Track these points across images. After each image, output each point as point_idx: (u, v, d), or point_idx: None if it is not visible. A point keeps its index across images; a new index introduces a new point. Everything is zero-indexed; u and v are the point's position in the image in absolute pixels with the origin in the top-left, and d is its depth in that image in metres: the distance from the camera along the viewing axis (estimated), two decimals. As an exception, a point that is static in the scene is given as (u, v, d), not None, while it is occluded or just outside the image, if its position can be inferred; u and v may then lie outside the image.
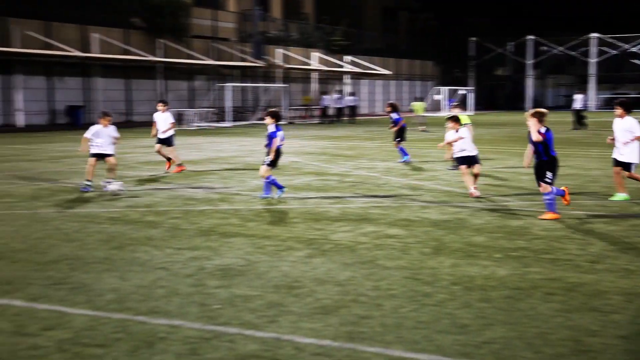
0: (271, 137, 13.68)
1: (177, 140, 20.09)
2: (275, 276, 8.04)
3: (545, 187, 11.47)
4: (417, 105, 41.41)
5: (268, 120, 13.80)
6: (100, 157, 15.04)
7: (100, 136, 15.13)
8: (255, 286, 7.63)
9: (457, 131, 14.28)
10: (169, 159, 18.69)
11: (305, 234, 10.38)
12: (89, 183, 14.83)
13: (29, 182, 16.15)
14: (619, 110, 13.50)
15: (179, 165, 18.70)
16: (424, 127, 38.02)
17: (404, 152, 21.30)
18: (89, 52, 44.52)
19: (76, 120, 43.62)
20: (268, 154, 13.78)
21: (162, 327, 6.30)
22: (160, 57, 48.42)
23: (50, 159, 21.97)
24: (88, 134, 15.08)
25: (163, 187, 15.66)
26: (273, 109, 14.27)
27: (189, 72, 52.44)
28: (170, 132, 18.83)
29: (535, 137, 11.34)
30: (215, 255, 9.03)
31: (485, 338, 6.04)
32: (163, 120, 18.79)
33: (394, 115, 22.06)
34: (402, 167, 19.68)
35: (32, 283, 7.63)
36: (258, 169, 19.19)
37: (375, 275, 8.03)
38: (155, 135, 18.81)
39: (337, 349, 5.81)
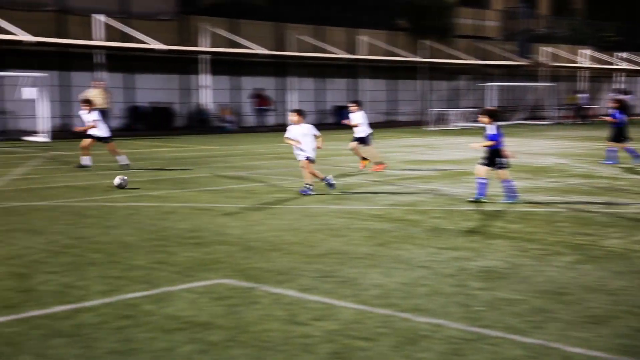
0: (491, 138, 13.16)
1: (437, 140, 20.13)
2: (540, 281, 7.79)
3: None
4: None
5: (485, 119, 13.28)
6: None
7: (299, 136, 14.77)
8: (519, 290, 7.45)
9: None
10: (364, 158, 19.15)
11: (572, 239, 9.96)
12: (309, 186, 14.50)
13: (301, 178, 17.04)
14: None
15: (379, 163, 19.02)
16: None
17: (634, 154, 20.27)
18: (356, 54, 46.07)
19: (342, 120, 45.31)
20: (492, 154, 13.25)
21: (424, 325, 6.35)
22: (424, 58, 48.87)
23: (320, 155, 22.97)
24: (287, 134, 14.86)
25: (425, 185, 15.78)
26: (490, 108, 13.73)
27: (451, 72, 52.40)
28: (367, 132, 19.28)
29: None
30: (477, 257, 8.94)
31: None
32: (357, 119, 19.36)
33: (617, 114, 20.82)
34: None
35: (303, 275, 8.03)
36: (525, 171, 18.80)
37: (651, 286, 7.51)
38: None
39: (608, 362, 5.51)
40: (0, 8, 32.49)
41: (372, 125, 20.77)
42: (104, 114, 30.93)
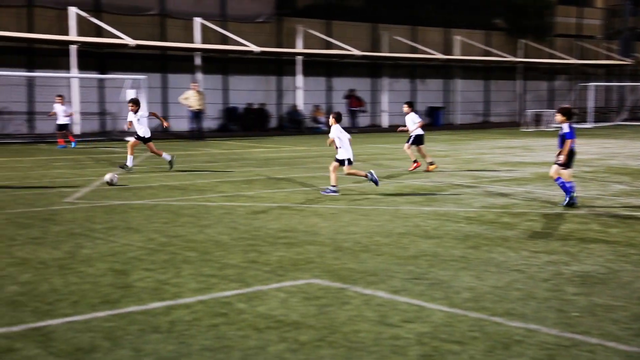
0: (565, 137, 12.73)
1: (534, 141, 19.69)
2: (641, 287, 7.54)
3: None
4: None
5: (559, 118, 12.85)
6: (345, 162, 14.77)
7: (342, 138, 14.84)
8: (618, 296, 7.22)
9: None
10: (415, 160, 19.27)
11: (675, 245, 9.59)
12: (334, 188, 14.46)
13: (392, 180, 16.97)
14: None
15: (415, 162, 19.15)
16: None
17: None
18: (450, 54, 45.61)
19: (436, 121, 44.94)
20: (560, 154, 12.85)
21: (518, 329, 6.23)
22: (521, 58, 47.95)
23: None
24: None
25: (519, 188, 15.48)
26: (565, 106, 13.29)
27: (549, 72, 51.26)
28: (419, 132, 19.37)
29: None
30: (573, 261, 8.71)
31: None
32: (410, 120, 19.44)
33: None
34: None
35: (394, 276, 8.01)
36: (625, 173, 18.22)
37: None
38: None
39: None
40: (104, 12, 33.62)
41: (467, 126, 20.47)
42: (198, 115, 31.69)
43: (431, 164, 19.12)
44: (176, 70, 36.13)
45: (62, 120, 26.76)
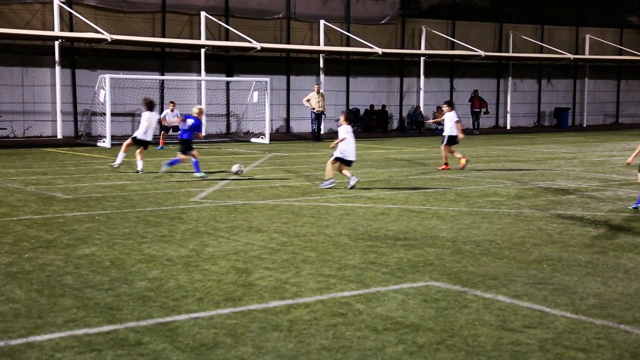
0: None
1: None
2: None
3: None
4: None
5: None
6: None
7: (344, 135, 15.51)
8: None
9: None
10: (446, 163, 19.47)
11: None
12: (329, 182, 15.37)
13: (515, 182, 16.61)
14: None
15: (446, 164, 19.34)
16: None
17: None
18: (580, 53, 44.19)
19: (562, 122, 43.63)
20: None
21: (647, 339, 5.98)
22: (655, 56, 45.94)
23: (535, 160, 22.31)
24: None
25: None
26: None
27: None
28: (453, 132, 19.51)
29: None
30: None
31: None
32: (449, 119, 19.54)
33: None
34: None
35: (516, 280, 7.83)
36: None
37: None
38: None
39: None
40: (232, 17, 34.50)
41: (596, 127, 19.76)
42: (320, 116, 32.01)
43: (460, 158, 19.23)
44: (300, 72, 36.63)
45: (169, 124, 27.38)
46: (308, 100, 31.60)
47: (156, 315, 6.60)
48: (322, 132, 32.75)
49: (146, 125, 18.30)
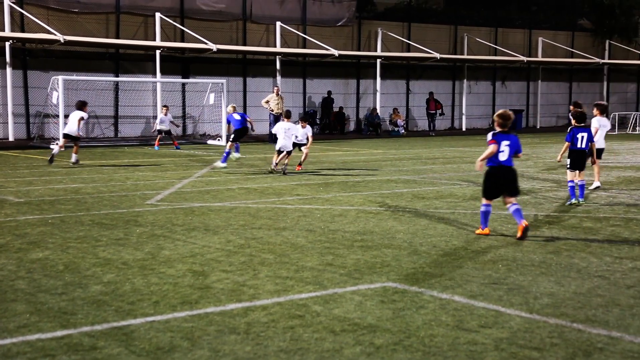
0: None
1: (617, 145, 19.12)
2: None
3: None
4: None
5: None
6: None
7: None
8: None
9: None
10: None
11: None
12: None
13: (471, 183, 16.78)
14: None
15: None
16: None
17: None
18: (533, 56, 44.83)
19: (516, 124, 44.17)
20: None
21: (600, 337, 6.08)
22: (606, 59, 46.77)
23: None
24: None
25: (602, 192, 15.09)
26: None
27: (637, 74, 49.84)
28: None
29: None
30: (660, 268, 8.45)
31: None
32: None
33: None
34: None
35: (471, 280, 7.91)
36: None
37: None
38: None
39: None
40: (187, 18, 34.30)
41: (550, 129, 20.03)
42: (278, 118, 31.98)
43: None
44: (256, 74, 36.56)
45: (162, 127, 27.53)
46: (267, 102, 31.50)
47: (111, 319, 6.53)
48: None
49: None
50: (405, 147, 29.66)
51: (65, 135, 20.98)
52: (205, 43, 32.39)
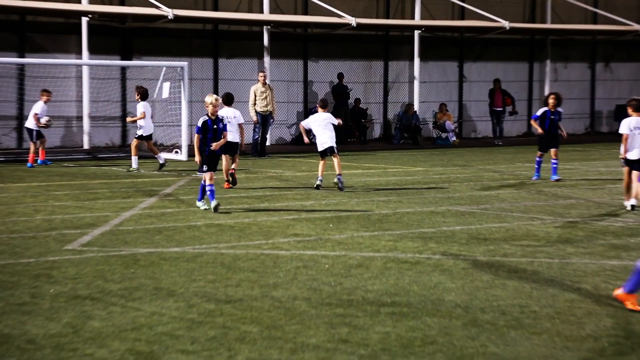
0: None
1: None
2: None
3: None
4: None
5: None
6: None
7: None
8: None
9: None
10: None
11: None
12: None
13: (558, 217, 16.74)
14: None
15: None
16: None
17: None
18: None
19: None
20: None
21: None
22: None
23: (589, 184, 22.48)
24: None
25: None
26: None
27: None
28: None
29: None
30: None
31: None
32: None
33: None
34: None
35: None
36: None
37: None
38: None
39: None
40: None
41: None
42: (266, 119, 32.08)
43: None
44: (234, 53, 36.54)
45: (31, 124, 27.02)
46: (255, 100, 30.95)
47: None
48: (267, 142, 32.67)
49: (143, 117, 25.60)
50: (457, 161, 29.67)
51: None
52: (157, 7, 32.46)
